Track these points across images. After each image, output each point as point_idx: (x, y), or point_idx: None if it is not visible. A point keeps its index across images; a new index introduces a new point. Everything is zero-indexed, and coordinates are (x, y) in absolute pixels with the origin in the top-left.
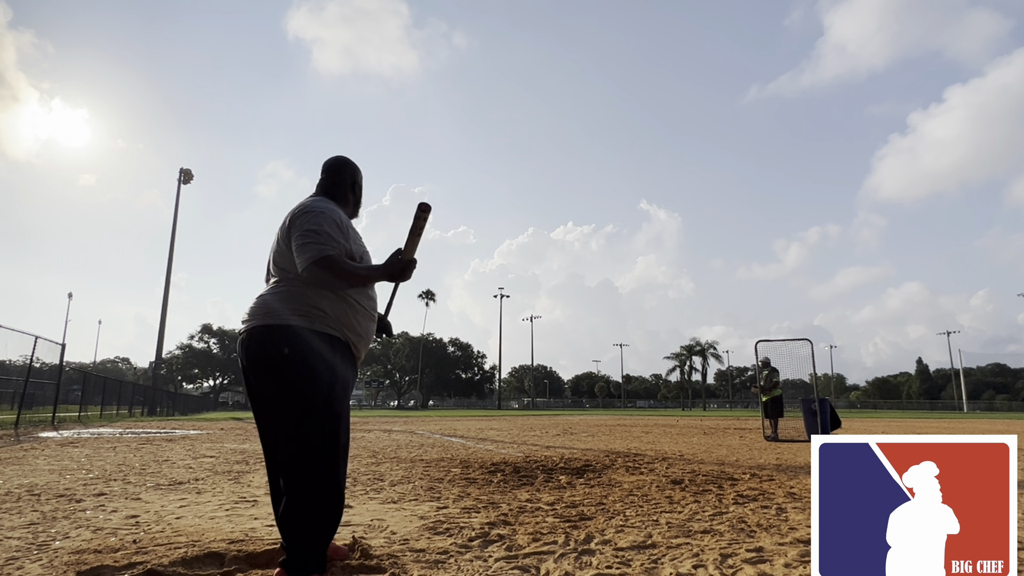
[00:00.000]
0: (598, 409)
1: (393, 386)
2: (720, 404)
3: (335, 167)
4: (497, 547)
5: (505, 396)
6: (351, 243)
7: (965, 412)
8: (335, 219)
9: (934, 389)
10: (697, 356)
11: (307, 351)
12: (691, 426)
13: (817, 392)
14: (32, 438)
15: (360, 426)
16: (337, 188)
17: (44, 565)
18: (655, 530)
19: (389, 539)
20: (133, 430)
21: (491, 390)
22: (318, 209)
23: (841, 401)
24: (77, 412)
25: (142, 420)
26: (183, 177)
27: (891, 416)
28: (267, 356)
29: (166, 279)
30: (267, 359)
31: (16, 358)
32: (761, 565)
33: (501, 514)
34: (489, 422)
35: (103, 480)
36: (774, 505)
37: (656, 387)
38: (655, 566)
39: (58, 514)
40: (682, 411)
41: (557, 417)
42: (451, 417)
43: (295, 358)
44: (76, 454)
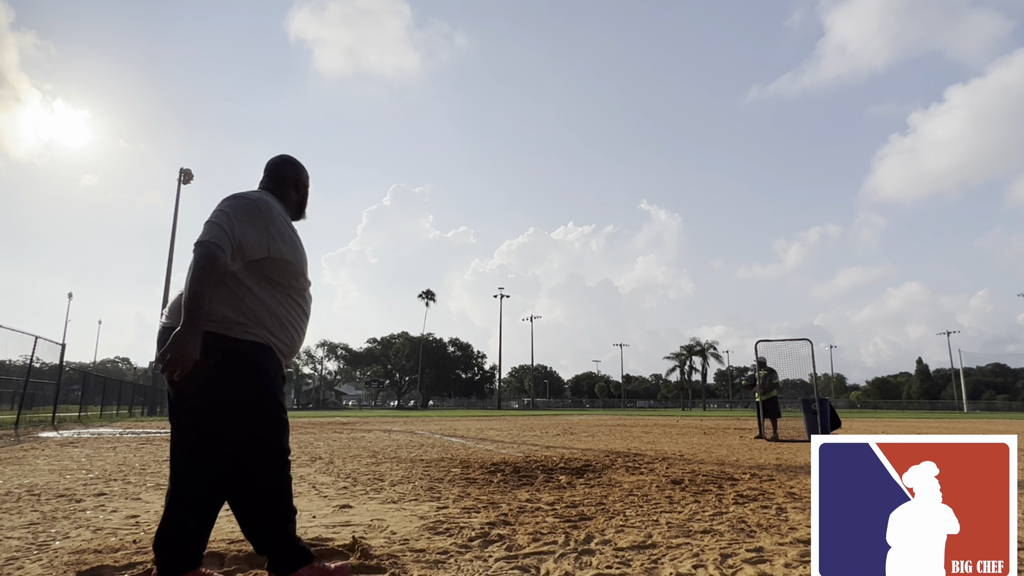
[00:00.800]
0: (598, 409)
1: (393, 386)
2: (720, 404)
3: (275, 165)
4: (497, 547)
5: (505, 396)
6: (275, 239)
7: (965, 412)
8: (258, 209)
9: (934, 389)
10: (697, 356)
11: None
12: (691, 426)
13: (817, 392)
14: (32, 438)
15: (360, 426)
16: (278, 187)
17: (44, 565)
18: (655, 530)
19: (389, 539)
20: (133, 430)
21: (491, 390)
22: (244, 196)
23: (841, 401)
24: (77, 412)
25: (142, 420)
26: (183, 177)
27: (891, 416)
28: None
29: (166, 279)
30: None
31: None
32: (761, 565)
33: (501, 514)
34: (489, 422)
35: (103, 480)
36: (774, 505)
37: (656, 387)
38: (655, 566)
39: (58, 514)
40: (682, 411)
41: (557, 417)
42: (451, 417)
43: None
44: (76, 454)
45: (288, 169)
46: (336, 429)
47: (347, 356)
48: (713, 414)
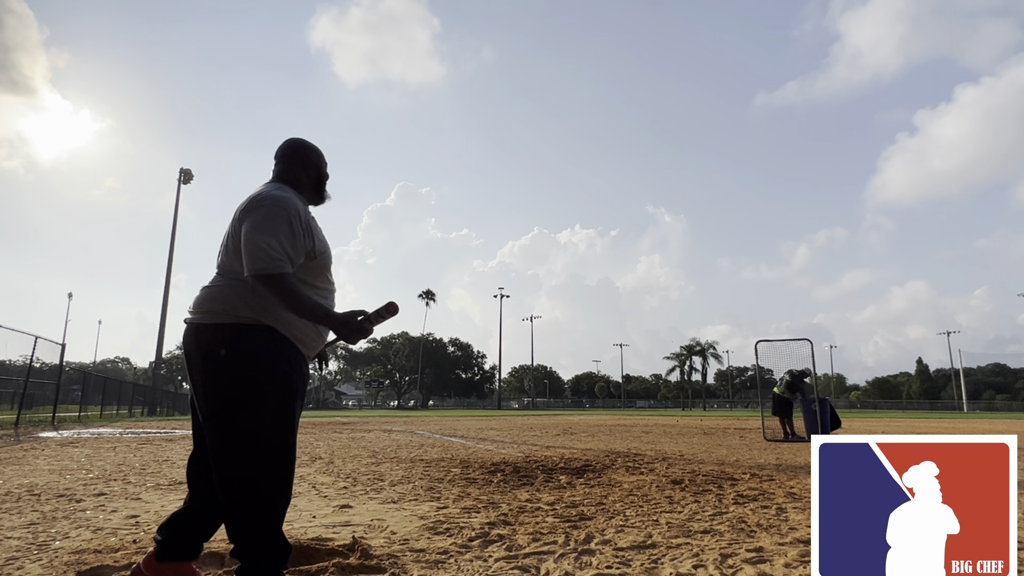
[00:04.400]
0: (598, 409)
1: (393, 386)
2: (720, 404)
3: (288, 151)
4: (497, 547)
5: (505, 396)
6: (310, 238)
7: (965, 412)
8: (291, 216)
9: (934, 389)
10: (697, 356)
11: (246, 351)
12: (691, 426)
13: (817, 392)
14: (32, 438)
15: (360, 426)
16: (289, 171)
17: (44, 565)
18: (655, 530)
19: (389, 539)
20: (133, 430)
21: (491, 390)
22: (273, 202)
23: (841, 401)
24: (77, 412)
25: (142, 420)
26: (183, 177)
27: (891, 416)
28: (205, 355)
29: (166, 279)
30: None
31: (16, 358)
32: (761, 565)
33: (501, 514)
34: (489, 422)
35: (103, 480)
36: (774, 505)
37: (656, 387)
38: (655, 566)
39: (58, 514)
40: (682, 411)
41: (557, 417)
42: (451, 417)
43: (234, 358)
44: (76, 454)
45: (299, 155)
46: (336, 429)
47: (347, 356)
48: (713, 414)
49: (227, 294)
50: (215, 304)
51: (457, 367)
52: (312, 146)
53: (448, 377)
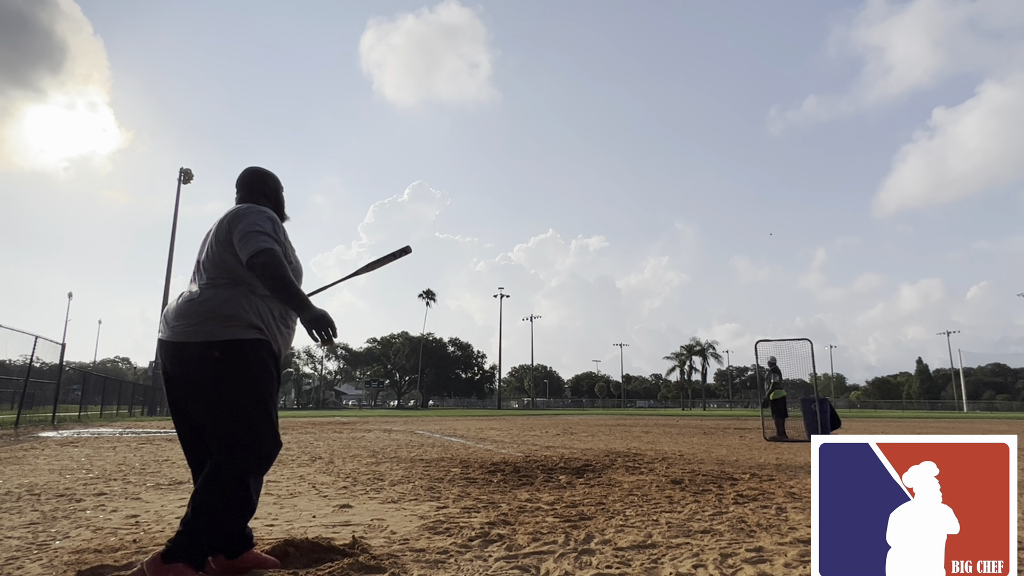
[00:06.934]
0: (598, 409)
1: (393, 386)
2: (720, 404)
3: (249, 179)
4: (497, 547)
5: (505, 396)
6: (285, 245)
7: (965, 412)
8: (274, 220)
9: (934, 389)
10: (697, 356)
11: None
12: (691, 426)
13: (817, 392)
14: (32, 438)
15: (360, 426)
16: (254, 199)
17: (44, 565)
18: (655, 530)
19: (389, 539)
20: (133, 430)
21: (491, 390)
22: (257, 209)
23: (841, 401)
24: (77, 412)
25: (142, 420)
26: (183, 177)
27: (891, 416)
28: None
29: (166, 280)
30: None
31: (16, 358)
32: (761, 565)
33: (501, 514)
34: (489, 422)
35: (103, 480)
36: (774, 505)
37: (656, 387)
38: (655, 566)
39: (58, 514)
40: (682, 411)
41: (557, 417)
42: (451, 417)
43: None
44: (76, 454)
45: (255, 180)
46: (336, 429)
47: (347, 356)
48: (713, 414)
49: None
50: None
51: (457, 367)
52: (270, 173)
53: (448, 377)
